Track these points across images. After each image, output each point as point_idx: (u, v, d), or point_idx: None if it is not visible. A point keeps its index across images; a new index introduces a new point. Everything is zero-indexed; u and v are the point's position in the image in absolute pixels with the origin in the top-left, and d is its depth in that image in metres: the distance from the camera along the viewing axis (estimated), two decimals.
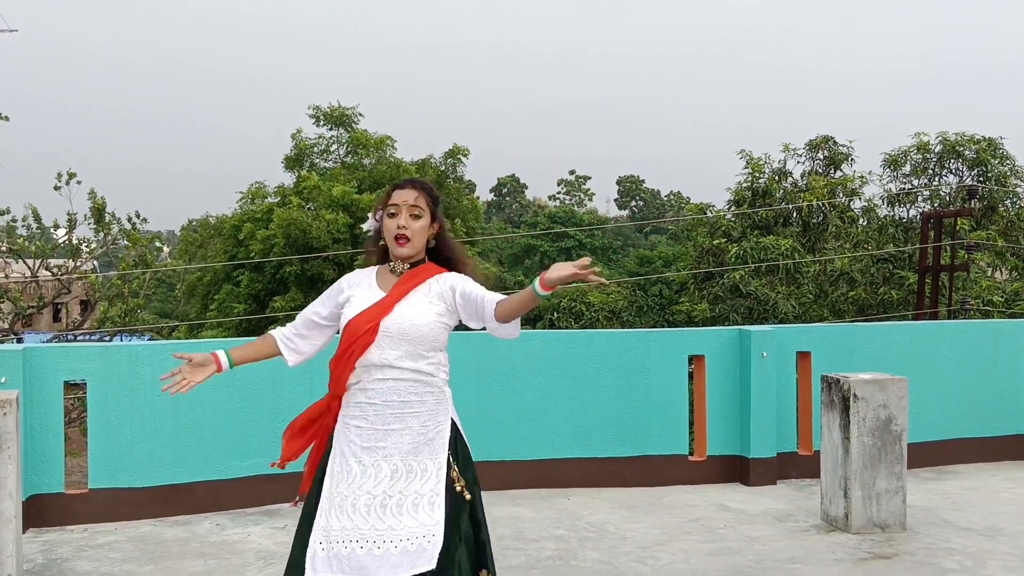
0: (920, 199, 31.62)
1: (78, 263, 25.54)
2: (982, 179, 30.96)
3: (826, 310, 29.31)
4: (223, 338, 21.30)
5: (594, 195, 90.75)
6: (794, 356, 8.30)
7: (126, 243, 25.45)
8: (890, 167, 31.97)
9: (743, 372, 8.06)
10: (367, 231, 3.88)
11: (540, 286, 3.40)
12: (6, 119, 22.14)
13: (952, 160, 31.58)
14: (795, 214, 31.49)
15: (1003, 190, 31.08)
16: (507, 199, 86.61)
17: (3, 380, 6.51)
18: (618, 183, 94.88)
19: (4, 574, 5.34)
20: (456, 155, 32.74)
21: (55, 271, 25.06)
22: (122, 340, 22.74)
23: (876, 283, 29.56)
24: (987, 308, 26.85)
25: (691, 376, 8.29)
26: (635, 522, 6.94)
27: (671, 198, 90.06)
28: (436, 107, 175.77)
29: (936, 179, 31.88)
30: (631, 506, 7.39)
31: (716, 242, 30.94)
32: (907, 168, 32.02)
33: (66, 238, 25.88)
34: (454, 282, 3.71)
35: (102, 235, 25.17)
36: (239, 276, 28.75)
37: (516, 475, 7.77)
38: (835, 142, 32.51)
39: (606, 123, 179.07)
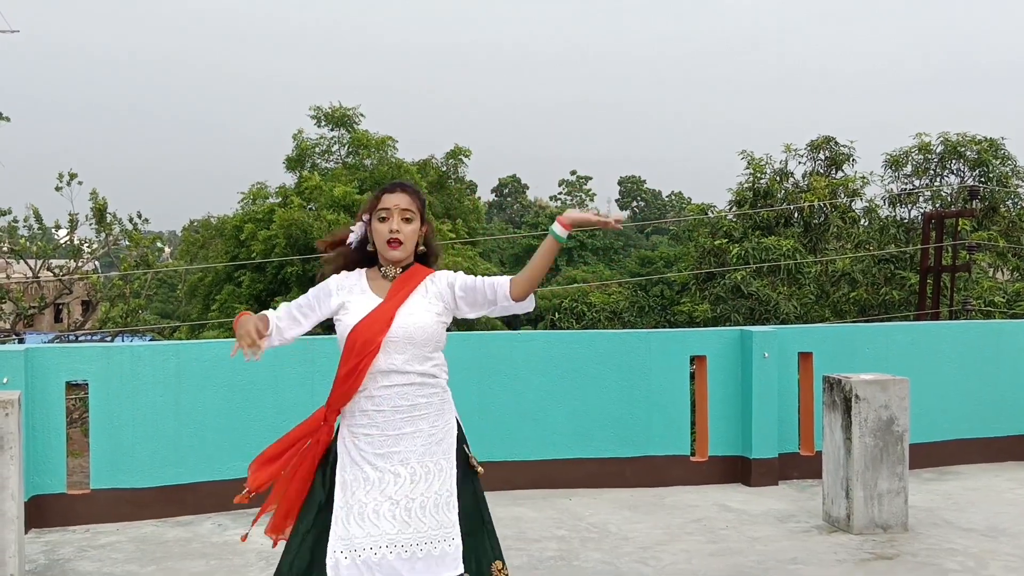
0: (921, 199, 31.60)
1: (79, 263, 25.54)
2: (983, 179, 30.93)
3: (827, 311, 29.30)
4: (224, 339, 21.30)
5: (595, 195, 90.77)
6: (796, 357, 8.30)
7: (127, 243, 25.44)
8: (891, 167, 31.95)
9: (745, 373, 8.06)
10: (350, 242, 3.84)
11: (560, 228, 3.56)
12: (7, 119, 22.16)
13: (953, 160, 31.56)
14: (796, 215, 31.49)
15: (1004, 191, 31.06)
16: (508, 199, 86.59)
17: (5, 380, 6.51)
18: (619, 183, 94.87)
19: (6, 574, 5.34)
20: (457, 156, 32.76)
21: (56, 271, 25.05)
22: (123, 341, 22.75)
23: (877, 284, 29.54)
24: (989, 309, 26.84)
25: (693, 377, 8.29)
26: (637, 522, 6.94)
27: (672, 198, 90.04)
28: (437, 107, 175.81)
29: (937, 180, 31.87)
30: (633, 506, 7.39)
31: (717, 242, 30.94)
32: (908, 168, 32.00)
33: (67, 238, 25.88)
34: (450, 279, 3.73)
35: (103, 235, 25.17)
36: (241, 277, 28.77)
37: (518, 475, 7.77)
38: (836, 143, 32.51)
39: (607, 123, 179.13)
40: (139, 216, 25.54)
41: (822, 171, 32.35)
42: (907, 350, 8.59)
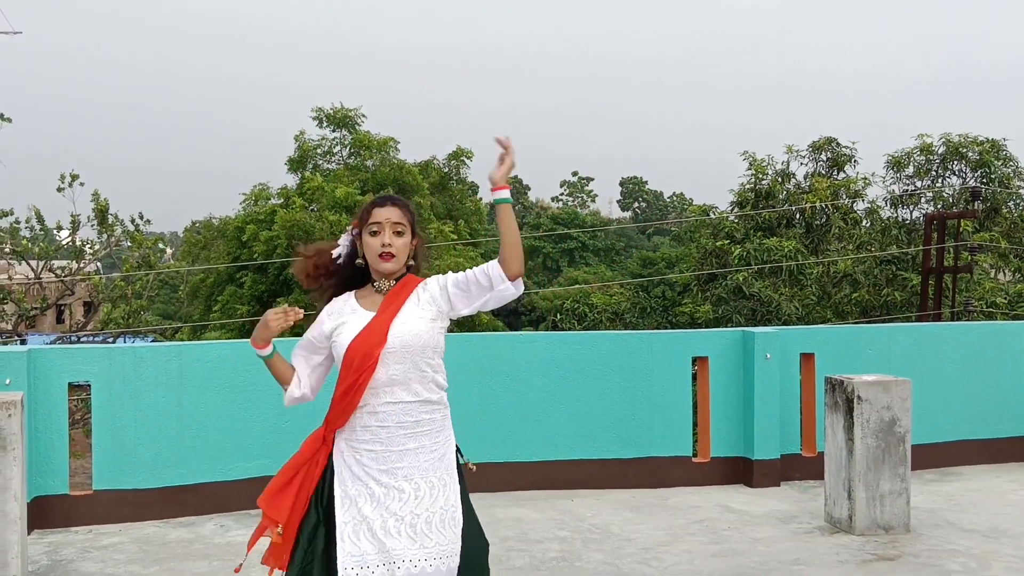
0: (923, 201, 31.56)
1: (81, 264, 25.54)
2: (985, 181, 30.89)
3: (829, 312, 29.27)
4: (227, 339, 21.32)
5: (597, 196, 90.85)
6: (798, 358, 8.30)
7: (129, 244, 25.43)
8: (893, 168, 31.92)
9: (747, 374, 8.06)
10: (337, 255, 3.83)
11: (501, 192, 3.76)
12: (8, 120, 22.16)
13: (955, 162, 31.50)
14: (798, 216, 31.46)
15: (1006, 192, 31.03)
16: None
17: (8, 382, 6.52)
18: (621, 184, 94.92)
19: (10, 575, 5.35)
20: (460, 157, 32.76)
21: (58, 273, 25.06)
22: (125, 341, 22.76)
23: (879, 285, 29.51)
24: (990, 310, 26.81)
25: (695, 378, 8.29)
26: (639, 523, 6.94)
27: (674, 199, 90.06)
28: (438, 108, 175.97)
29: (939, 181, 31.83)
30: (635, 507, 7.39)
31: (719, 243, 30.91)
32: (910, 170, 31.96)
33: (69, 239, 25.89)
34: (441, 281, 3.72)
35: (105, 236, 25.15)
36: (242, 277, 28.79)
37: (519, 476, 7.78)
38: (838, 143, 32.47)
39: (609, 124, 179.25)
40: (141, 217, 25.53)
41: (824, 172, 32.32)
42: (909, 351, 8.59)
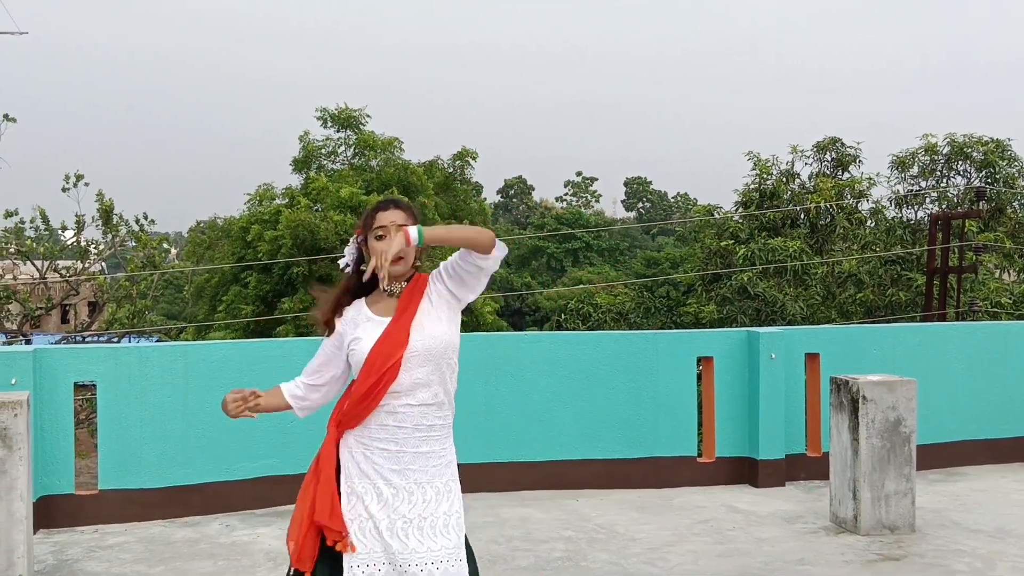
0: (928, 201, 31.53)
1: (86, 265, 25.58)
2: (990, 181, 30.85)
3: (834, 312, 29.23)
4: (231, 339, 21.32)
5: (601, 196, 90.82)
6: (803, 358, 8.29)
7: (134, 244, 25.46)
8: (898, 169, 31.88)
9: (752, 374, 8.06)
10: (345, 265, 3.82)
11: (410, 240, 3.51)
12: (13, 121, 22.20)
13: (960, 162, 31.46)
14: (803, 216, 31.42)
15: (1011, 192, 30.99)
16: (514, 200, 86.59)
17: (14, 381, 6.53)
18: (625, 184, 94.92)
19: (16, 575, 5.36)
20: (464, 157, 32.73)
21: (63, 273, 25.10)
22: (130, 342, 22.78)
23: (884, 285, 29.47)
24: (995, 310, 26.78)
25: (699, 378, 8.29)
26: (644, 523, 6.94)
27: (678, 199, 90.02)
28: (443, 108, 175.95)
29: (944, 181, 31.79)
30: (640, 507, 7.39)
31: (724, 243, 30.87)
32: (915, 170, 31.92)
33: (74, 240, 25.93)
34: (437, 276, 3.72)
35: (110, 237, 25.19)
36: (247, 277, 28.76)
37: (524, 476, 7.78)
38: (843, 143, 32.42)
39: (613, 124, 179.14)
40: (145, 217, 25.56)
41: (828, 172, 32.29)
42: (914, 351, 8.58)
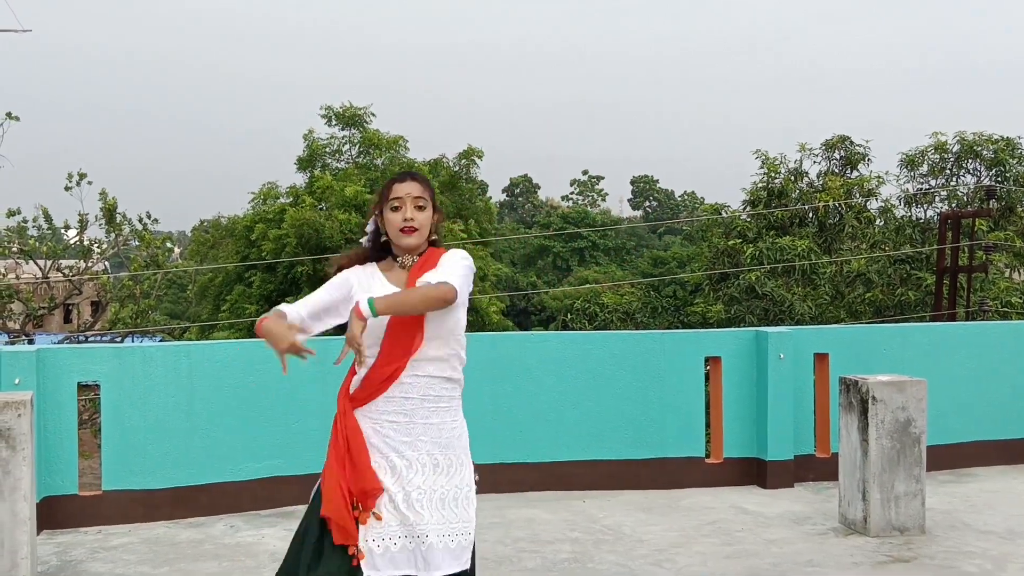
0: (937, 199, 31.47)
1: (89, 264, 25.60)
2: (1000, 179, 30.80)
3: (843, 311, 29.19)
4: (235, 339, 21.29)
5: (607, 195, 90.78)
6: (811, 358, 8.23)
7: (137, 244, 25.48)
8: (907, 167, 31.82)
9: (760, 374, 8.00)
10: (367, 233, 3.80)
11: (365, 315, 3.39)
12: (16, 119, 22.21)
13: (970, 160, 31.41)
14: (811, 215, 31.38)
15: (1021, 190, 30.90)
16: (520, 199, 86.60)
17: (17, 381, 6.50)
18: (632, 183, 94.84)
19: None
20: (470, 156, 32.69)
21: (66, 272, 25.12)
22: (133, 341, 22.78)
23: (893, 284, 29.42)
24: (1006, 309, 26.70)
25: (707, 378, 8.24)
26: (651, 524, 6.89)
27: (685, 198, 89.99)
28: (448, 107, 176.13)
29: (954, 179, 31.72)
30: (647, 508, 7.34)
31: (731, 243, 30.85)
32: (924, 168, 31.87)
33: (77, 239, 25.94)
34: (446, 257, 3.68)
35: (113, 236, 25.21)
36: (251, 277, 28.76)
37: (531, 477, 7.73)
38: (851, 142, 32.39)
39: (620, 123, 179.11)
40: (149, 216, 25.59)
41: (837, 171, 32.23)
42: (924, 351, 8.51)
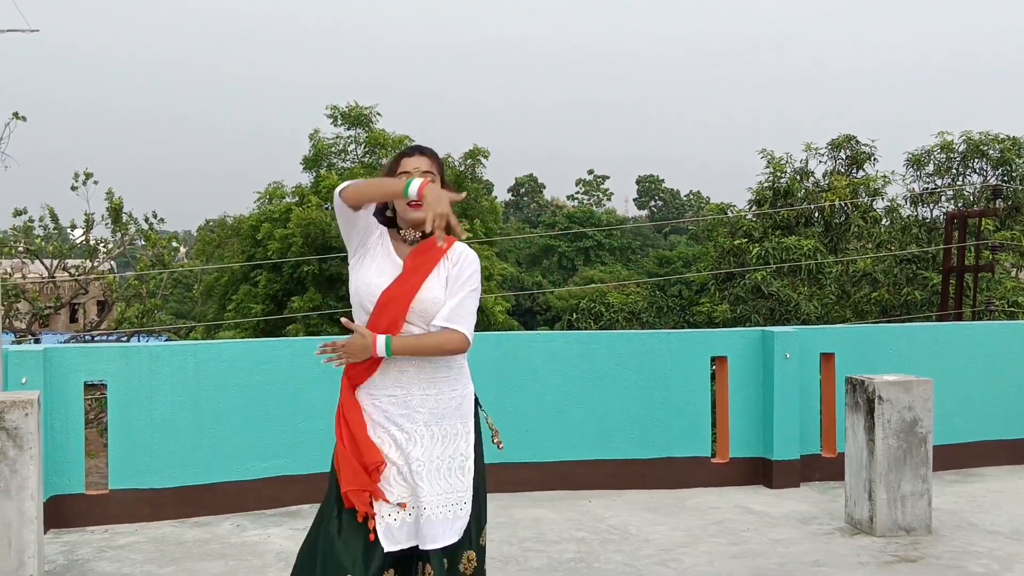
0: (944, 199, 31.42)
1: (95, 263, 25.64)
2: (1007, 179, 30.75)
3: (849, 311, 29.16)
4: (241, 339, 21.32)
5: (613, 195, 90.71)
6: (817, 357, 8.22)
7: (143, 243, 25.52)
8: (913, 166, 31.77)
9: (766, 373, 7.99)
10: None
11: (381, 351, 3.53)
12: (23, 119, 22.25)
13: (976, 159, 31.36)
14: (817, 214, 31.34)
15: None
16: (525, 199, 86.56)
17: (24, 381, 6.51)
18: (637, 183, 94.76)
19: (26, 575, 5.34)
20: (476, 156, 32.68)
21: (72, 271, 25.17)
22: (139, 341, 22.82)
23: (899, 284, 29.37)
24: (1012, 309, 26.66)
25: (713, 377, 8.23)
26: (657, 524, 6.89)
27: (691, 198, 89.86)
28: (454, 106, 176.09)
29: (960, 179, 31.66)
30: (653, 508, 7.33)
31: (737, 242, 30.81)
32: (930, 168, 31.82)
33: (83, 238, 26.00)
34: (457, 268, 3.66)
35: (119, 235, 25.25)
36: (257, 276, 28.78)
37: (536, 476, 7.73)
38: (857, 141, 32.33)
39: (625, 122, 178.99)
40: (155, 216, 25.64)
41: (843, 170, 32.18)
42: (930, 351, 8.49)
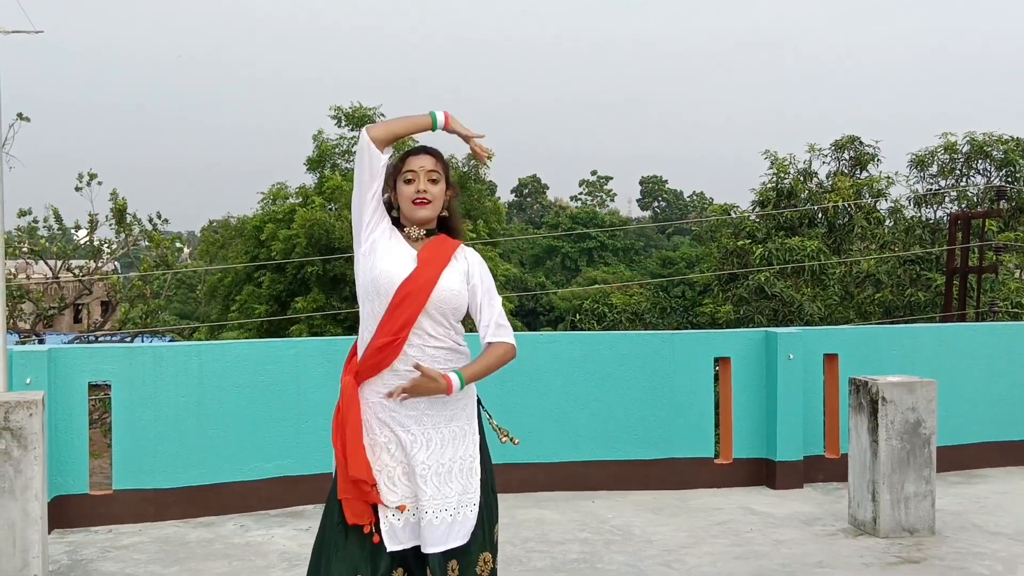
0: (947, 200, 31.35)
1: (99, 264, 25.67)
2: (1010, 180, 30.68)
3: (852, 312, 29.12)
4: (244, 339, 21.33)
5: (616, 195, 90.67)
6: (821, 358, 8.22)
7: (147, 244, 25.54)
8: (917, 167, 31.71)
9: (769, 374, 7.99)
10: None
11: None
12: (27, 120, 22.26)
13: (980, 160, 31.29)
14: (820, 215, 31.29)
15: None
16: (528, 200, 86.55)
17: (29, 381, 6.52)
18: (640, 183, 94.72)
19: (30, 575, 5.35)
20: None
21: (76, 272, 25.19)
22: (143, 341, 22.84)
23: (903, 285, 29.34)
24: (1016, 310, 26.62)
25: (717, 378, 8.23)
26: (661, 525, 6.89)
27: (694, 199, 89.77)
28: (457, 106, 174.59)
29: (964, 180, 31.61)
30: (656, 509, 7.34)
31: (740, 243, 30.78)
32: (934, 168, 31.76)
33: (87, 239, 26.03)
34: (475, 279, 3.67)
35: (123, 236, 25.28)
36: (260, 277, 28.80)
37: (540, 477, 7.73)
38: (861, 142, 32.28)
39: (628, 123, 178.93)
40: (159, 216, 25.65)
41: (847, 171, 32.14)
42: (934, 352, 8.49)
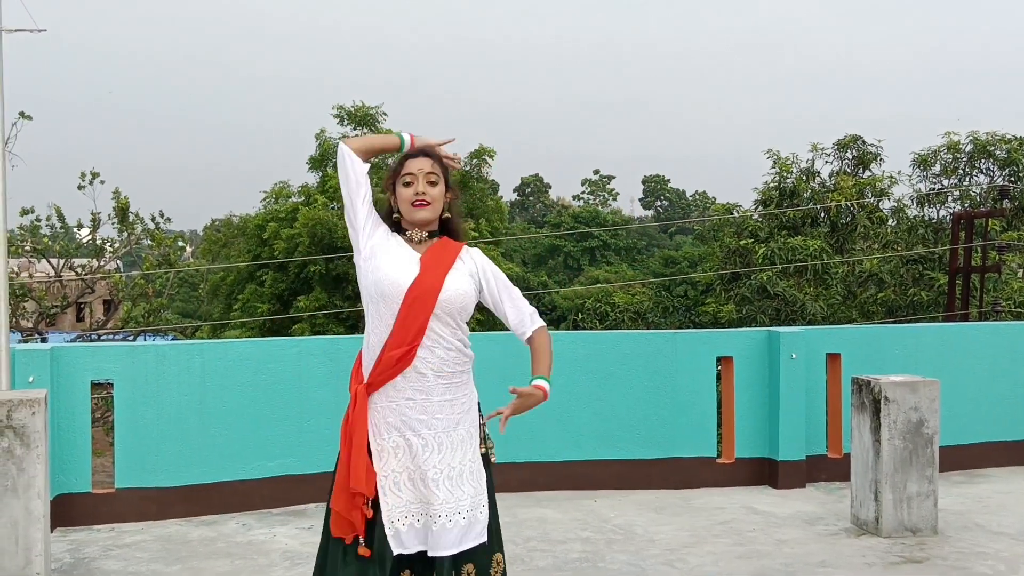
0: (950, 199, 31.30)
1: (102, 263, 25.70)
2: (1014, 179, 30.63)
3: (855, 312, 29.09)
4: (247, 338, 21.32)
5: (618, 195, 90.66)
6: (823, 358, 8.22)
7: (150, 243, 25.57)
8: (920, 167, 31.67)
9: (772, 374, 7.99)
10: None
11: (541, 389, 3.64)
12: (29, 119, 22.29)
13: (983, 160, 31.24)
14: (823, 214, 31.26)
15: None
16: (531, 199, 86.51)
17: (31, 379, 6.53)
18: (643, 183, 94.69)
19: (33, 573, 5.35)
20: (481, 155, 32.65)
21: (79, 271, 25.22)
22: (145, 340, 22.85)
23: (906, 284, 29.30)
24: (1019, 310, 26.58)
25: (719, 378, 8.23)
26: (663, 524, 6.89)
27: (697, 198, 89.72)
28: (460, 106, 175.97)
29: (967, 179, 31.56)
30: (658, 508, 7.33)
31: (743, 243, 30.75)
32: (937, 168, 31.72)
33: (90, 238, 26.06)
34: (486, 274, 3.71)
35: (126, 235, 25.31)
36: (263, 276, 28.79)
37: (541, 476, 7.73)
38: (864, 141, 32.24)
39: (630, 122, 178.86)
40: (161, 215, 25.71)
41: (849, 170, 32.10)
42: (937, 351, 8.48)
